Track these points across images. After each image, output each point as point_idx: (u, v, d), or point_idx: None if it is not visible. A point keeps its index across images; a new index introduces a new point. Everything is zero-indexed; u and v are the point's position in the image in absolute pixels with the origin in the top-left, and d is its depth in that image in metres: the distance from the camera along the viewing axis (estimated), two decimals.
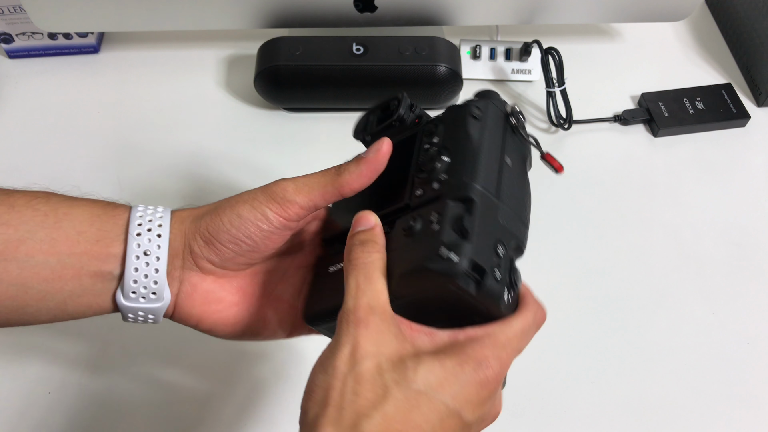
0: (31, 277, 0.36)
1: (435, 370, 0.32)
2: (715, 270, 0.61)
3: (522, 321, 0.36)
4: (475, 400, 0.33)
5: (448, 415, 0.32)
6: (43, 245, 0.36)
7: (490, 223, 0.35)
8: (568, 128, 0.69)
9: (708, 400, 0.54)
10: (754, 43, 0.73)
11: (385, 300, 0.34)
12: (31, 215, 0.36)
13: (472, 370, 0.33)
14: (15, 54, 0.74)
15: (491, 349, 0.34)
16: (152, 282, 0.38)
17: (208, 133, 0.69)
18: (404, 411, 0.31)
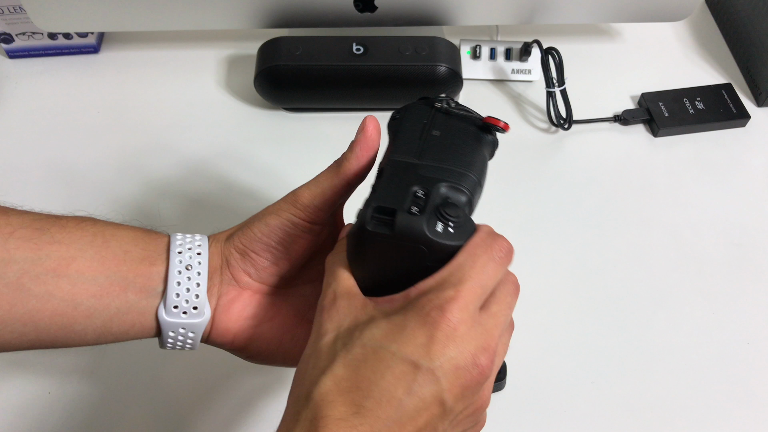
0: (81, 293, 0.37)
1: (381, 324, 0.33)
2: (715, 270, 0.61)
3: (466, 250, 0.34)
4: (430, 342, 0.32)
5: (397, 363, 0.31)
6: (93, 263, 0.38)
7: (407, 177, 0.37)
8: (568, 128, 0.69)
9: (708, 400, 0.54)
10: (754, 43, 0.73)
11: (349, 285, 0.36)
12: (80, 235, 0.38)
13: (416, 314, 0.32)
14: (15, 54, 0.74)
15: (434, 292, 0.33)
16: (194, 296, 0.39)
17: (208, 133, 0.69)
18: (352, 369, 0.32)
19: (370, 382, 0.31)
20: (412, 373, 0.31)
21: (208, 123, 0.70)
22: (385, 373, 0.31)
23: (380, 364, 0.32)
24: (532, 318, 0.58)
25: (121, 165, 0.67)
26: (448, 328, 0.32)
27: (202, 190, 0.65)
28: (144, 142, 0.68)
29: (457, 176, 0.38)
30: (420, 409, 0.32)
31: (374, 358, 0.32)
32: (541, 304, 0.59)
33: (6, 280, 0.36)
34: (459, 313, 0.32)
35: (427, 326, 0.32)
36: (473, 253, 0.34)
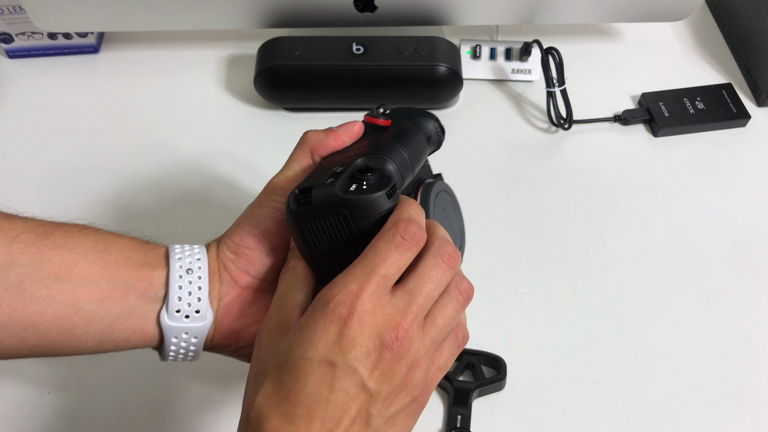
0: (83, 297, 0.37)
1: (294, 334, 0.34)
2: (715, 270, 0.61)
3: (372, 244, 0.35)
4: (339, 338, 0.33)
5: (315, 367, 0.33)
6: (95, 267, 0.38)
7: (330, 163, 0.39)
8: (568, 128, 0.69)
9: (708, 400, 0.54)
10: (754, 43, 0.73)
11: (284, 306, 0.37)
12: (82, 241, 0.38)
13: (321, 314, 0.34)
14: (15, 54, 0.74)
15: (338, 287, 0.34)
16: (196, 299, 0.39)
17: (207, 132, 0.69)
18: (277, 383, 0.34)
19: (296, 391, 0.33)
20: (331, 372, 0.33)
21: (208, 123, 0.70)
22: (308, 380, 0.33)
23: (301, 373, 0.33)
24: (532, 318, 0.58)
25: (121, 165, 0.67)
26: (354, 321, 0.33)
27: (202, 190, 0.65)
28: (144, 142, 0.68)
29: (380, 148, 0.39)
30: (348, 401, 0.33)
31: (294, 368, 0.33)
32: (541, 303, 0.59)
33: (8, 284, 0.36)
34: (362, 304, 0.33)
35: (335, 325, 0.33)
36: (376, 244, 0.35)
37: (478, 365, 0.54)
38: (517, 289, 0.59)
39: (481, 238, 0.62)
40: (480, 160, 0.68)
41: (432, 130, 0.44)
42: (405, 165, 0.39)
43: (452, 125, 0.71)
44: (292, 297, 0.37)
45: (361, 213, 0.35)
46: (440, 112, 0.71)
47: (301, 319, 0.35)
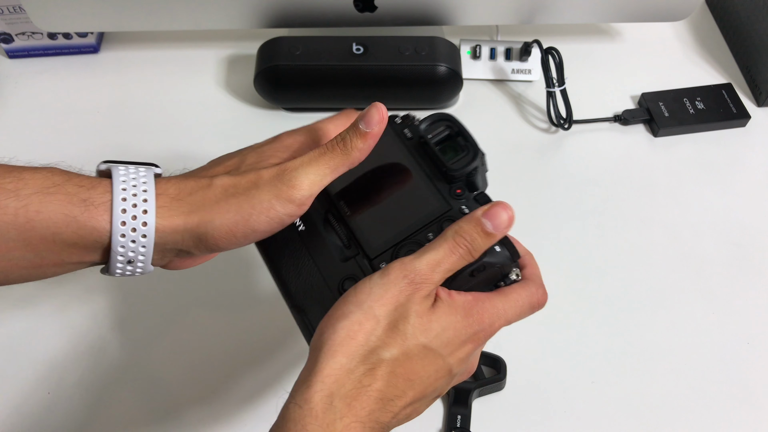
0: (11, 268, 0.35)
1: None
2: (715, 270, 0.61)
3: (518, 293, 0.39)
4: (468, 356, 0.38)
5: (442, 366, 0.37)
6: (17, 244, 0.34)
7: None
8: (568, 128, 0.69)
9: (708, 400, 0.54)
10: (754, 43, 0.73)
11: (438, 277, 0.36)
12: (1, 213, 0.34)
13: (473, 343, 0.37)
14: (15, 54, 0.74)
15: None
16: (138, 267, 0.37)
17: (208, 133, 0.69)
18: (408, 358, 0.35)
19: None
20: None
21: (208, 123, 0.70)
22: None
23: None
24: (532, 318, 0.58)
25: None
26: (478, 350, 0.39)
27: None
28: (144, 142, 0.68)
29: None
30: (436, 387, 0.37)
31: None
32: None
33: None
34: (488, 335, 0.39)
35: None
36: (520, 304, 0.39)
37: (478, 365, 0.54)
38: None
39: None
40: None
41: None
42: None
43: None
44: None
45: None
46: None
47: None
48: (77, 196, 0.35)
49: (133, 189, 0.36)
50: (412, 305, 0.35)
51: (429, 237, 0.39)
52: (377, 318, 0.35)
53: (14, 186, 0.35)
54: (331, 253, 0.40)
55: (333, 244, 0.41)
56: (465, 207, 0.41)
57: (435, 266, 0.36)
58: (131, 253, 0.36)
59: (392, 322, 0.35)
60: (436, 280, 0.36)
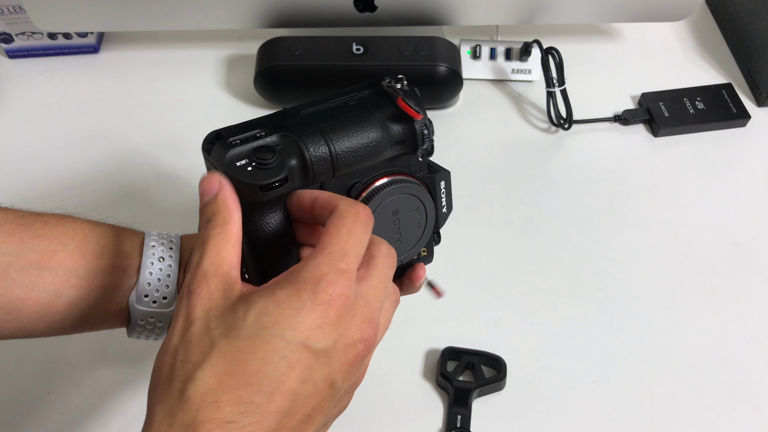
0: (63, 284, 0.39)
1: (268, 307, 0.30)
2: (715, 270, 0.61)
3: (340, 224, 0.33)
4: (324, 323, 0.30)
5: (292, 350, 0.29)
6: (74, 256, 0.39)
7: (268, 122, 0.38)
8: (568, 128, 0.69)
9: (708, 400, 0.54)
10: (754, 43, 0.73)
11: (221, 265, 0.33)
12: (61, 231, 0.40)
13: (311, 292, 0.30)
14: (15, 54, 0.74)
15: (327, 264, 0.31)
16: (164, 286, 0.40)
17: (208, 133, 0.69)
18: (236, 361, 0.29)
19: (261, 374, 0.29)
20: (307, 358, 0.29)
21: (208, 123, 0.70)
22: (279, 363, 0.29)
23: (273, 354, 0.29)
24: (532, 318, 0.58)
25: (121, 165, 0.67)
26: (340, 306, 0.31)
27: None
28: (144, 142, 0.68)
29: (309, 135, 0.36)
30: (311, 395, 0.30)
31: (264, 346, 0.29)
32: (541, 303, 0.59)
33: None
34: (349, 287, 0.31)
35: (323, 306, 0.30)
36: (346, 225, 0.33)
37: (478, 365, 0.54)
38: (517, 289, 0.59)
39: (481, 238, 0.62)
40: (480, 160, 0.68)
41: (399, 134, 0.39)
42: (325, 164, 0.36)
43: (452, 125, 0.71)
44: (227, 256, 0.33)
45: (241, 192, 0.35)
46: (440, 112, 0.71)
47: (276, 292, 0.31)
48: (118, 225, 0.42)
49: (163, 233, 0.42)
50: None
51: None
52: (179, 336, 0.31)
53: (71, 217, 0.41)
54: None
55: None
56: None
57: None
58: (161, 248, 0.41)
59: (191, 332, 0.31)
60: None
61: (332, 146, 0.36)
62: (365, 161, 0.38)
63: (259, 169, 0.35)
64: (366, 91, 0.41)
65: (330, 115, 0.38)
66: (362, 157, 0.38)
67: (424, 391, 0.54)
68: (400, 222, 0.41)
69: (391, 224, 0.40)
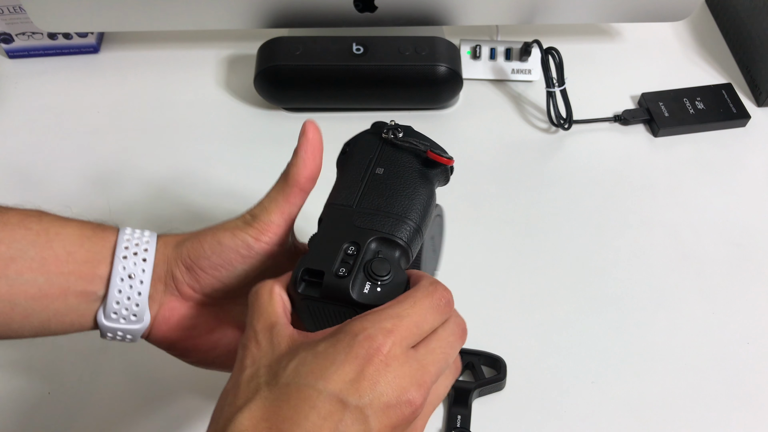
0: (19, 294, 0.37)
1: (307, 357, 0.31)
2: (715, 270, 0.61)
3: (409, 294, 0.33)
4: (359, 378, 0.30)
5: (323, 401, 0.29)
6: (33, 263, 0.37)
7: (340, 230, 0.37)
8: (568, 128, 0.69)
9: (708, 400, 0.54)
10: (754, 43, 0.73)
11: (273, 318, 0.34)
12: (23, 234, 0.37)
13: (347, 345, 0.30)
14: (15, 54, 0.74)
15: (370, 321, 0.31)
16: (134, 305, 0.39)
17: (207, 133, 0.69)
18: (273, 407, 0.30)
19: (292, 422, 0.29)
20: (340, 412, 0.29)
21: (208, 123, 0.70)
22: (310, 413, 0.29)
23: (304, 403, 0.29)
24: (532, 318, 0.58)
25: (121, 165, 0.67)
26: (379, 363, 0.30)
27: (201, 190, 0.65)
28: (144, 142, 0.68)
29: (392, 225, 0.38)
30: None
31: (298, 395, 0.30)
32: (541, 304, 0.59)
33: None
34: (392, 347, 0.31)
35: (358, 360, 0.30)
36: (414, 296, 0.33)
37: (478, 365, 0.54)
38: (517, 289, 0.59)
39: (481, 238, 0.62)
40: (480, 160, 0.68)
41: (440, 179, 0.43)
42: (418, 239, 0.39)
43: (452, 125, 0.71)
44: (273, 311, 0.35)
45: (362, 308, 0.35)
46: (440, 112, 0.71)
47: (317, 343, 0.31)
48: (91, 223, 0.40)
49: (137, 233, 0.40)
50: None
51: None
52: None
53: (37, 215, 0.38)
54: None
55: None
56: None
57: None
58: (133, 260, 0.38)
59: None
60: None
61: (414, 223, 0.38)
62: (431, 214, 0.41)
63: (385, 286, 0.35)
64: (379, 150, 0.42)
65: (386, 196, 0.39)
66: (430, 213, 0.40)
67: None
68: (433, 243, 0.44)
69: (429, 241, 0.43)
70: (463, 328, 0.35)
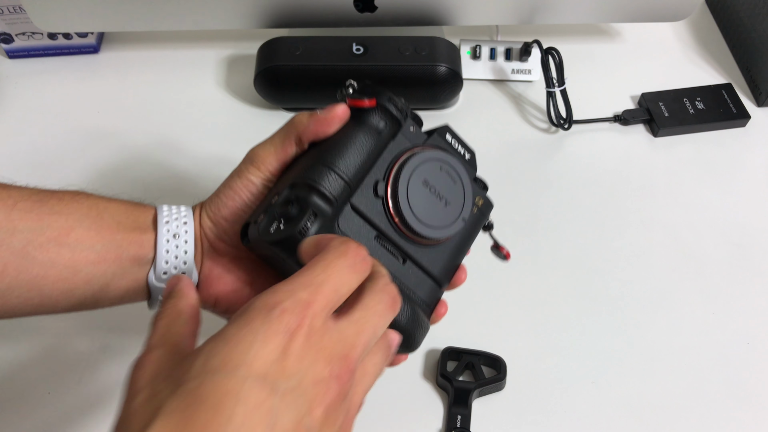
0: (81, 260, 0.39)
1: (217, 347, 0.27)
2: (715, 270, 0.61)
3: (320, 258, 0.31)
4: (285, 355, 0.27)
5: (249, 391, 0.25)
6: (90, 232, 0.39)
7: (280, 183, 0.41)
8: (568, 128, 0.69)
9: (708, 400, 0.54)
10: (754, 43, 0.73)
11: (170, 337, 0.32)
12: (77, 207, 0.40)
13: (262, 321, 0.27)
14: (15, 54, 0.74)
15: (283, 293, 0.28)
16: (182, 262, 0.41)
17: (207, 133, 0.69)
18: (185, 417, 0.25)
19: (216, 425, 0.24)
20: (270, 400, 0.25)
21: (208, 123, 0.70)
22: (236, 409, 0.24)
23: (226, 398, 0.24)
24: (532, 318, 0.58)
25: (121, 165, 0.67)
26: (302, 337, 0.27)
27: (201, 190, 0.65)
28: (144, 142, 0.68)
29: (308, 170, 0.39)
30: None
31: (215, 392, 0.25)
32: (541, 303, 0.59)
33: (12, 248, 0.37)
34: (313, 318, 0.28)
35: (278, 336, 0.27)
36: (326, 258, 0.31)
37: (478, 365, 0.54)
38: (517, 289, 0.59)
39: (480, 238, 0.62)
40: (480, 161, 0.68)
41: (377, 122, 0.41)
42: (327, 176, 0.38)
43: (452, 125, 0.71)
44: (177, 330, 0.32)
45: (285, 249, 0.36)
46: (440, 112, 0.71)
47: (224, 329, 0.27)
48: (130, 200, 0.43)
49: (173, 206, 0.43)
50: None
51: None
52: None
53: (84, 194, 0.42)
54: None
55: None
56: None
57: None
58: (175, 223, 0.41)
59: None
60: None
61: (335, 168, 0.39)
62: (369, 163, 0.40)
63: (288, 221, 0.36)
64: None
65: (319, 150, 0.40)
66: (363, 161, 0.40)
67: (424, 391, 0.54)
68: (436, 189, 0.42)
69: (430, 194, 0.42)
70: (393, 297, 0.32)
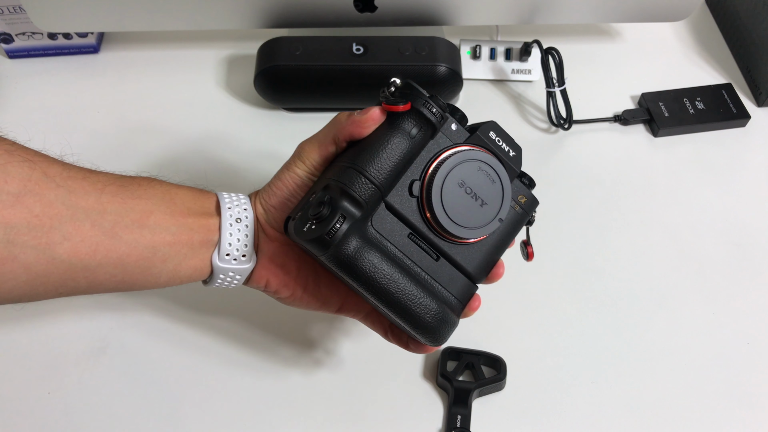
0: (159, 241, 0.42)
1: None
2: (715, 270, 0.61)
3: None
4: None
5: None
6: (166, 215, 0.43)
7: (319, 182, 0.43)
8: (568, 128, 0.69)
9: (708, 400, 0.54)
10: (754, 43, 0.73)
11: None
12: (153, 192, 0.44)
13: None
14: (15, 54, 0.74)
15: None
16: (243, 245, 0.44)
17: (207, 133, 0.69)
18: None
19: None
20: None
21: (208, 123, 0.70)
22: None
23: None
24: (532, 318, 0.58)
25: (121, 165, 0.67)
26: None
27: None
28: (144, 142, 0.68)
29: (340, 172, 0.41)
30: None
31: None
32: (541, 303, 0.59)
33: (103, 229, 0.40)
34: None
35: None
36: None
37: (478, 365, 0.54)
38: (517, 289, 0.59)
39: None
40: None
41: (412, 126, 0.41)
42: (358, 181, 0.40)
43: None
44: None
45: (315, 248, 0.39)
46: None
47: None
48: (195, 188, 0.47)
49: (232, 194, 0.47)
50: None
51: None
52: None
53: (157, 180, 0.46)
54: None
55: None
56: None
57: None
58: (237, 209, 0.45)
59: None
60: None
61: (366, 173, 0.40)
62: (402, 165, 0.41)
63: (320, 221, 0.39)
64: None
65: (354, 152, 0.42)
66: (395, 165, 0.41)
67: (424, 391, 0.54)
68: (472, 189, 0.42)
69: (465, 195, 0.42)
70: None
